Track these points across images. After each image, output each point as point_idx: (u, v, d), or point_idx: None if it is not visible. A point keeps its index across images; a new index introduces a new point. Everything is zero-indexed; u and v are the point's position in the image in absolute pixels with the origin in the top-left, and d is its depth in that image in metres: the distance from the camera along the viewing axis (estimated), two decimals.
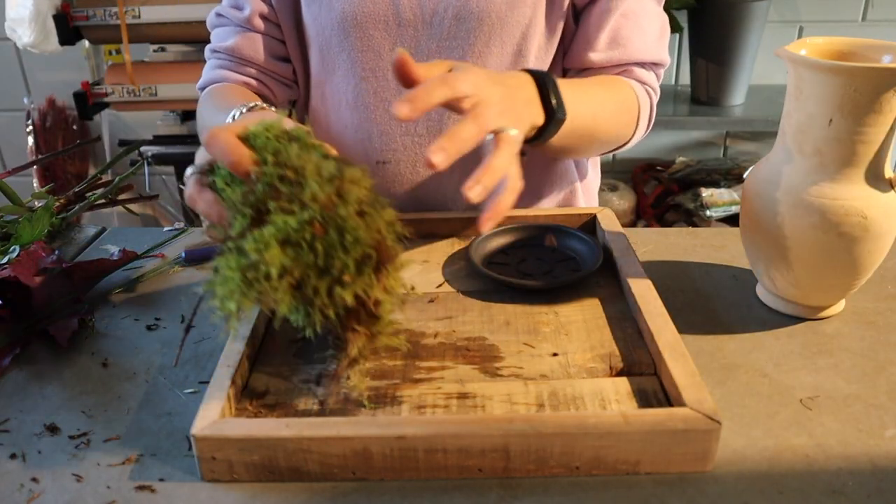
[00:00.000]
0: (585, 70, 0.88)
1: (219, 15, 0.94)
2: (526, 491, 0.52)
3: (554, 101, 0.70)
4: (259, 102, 0.76)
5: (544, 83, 0.70)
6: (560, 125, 0.71)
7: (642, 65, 0.88)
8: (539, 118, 0.69)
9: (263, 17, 0.90)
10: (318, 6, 0.86)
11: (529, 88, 0.69)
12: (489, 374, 0.61)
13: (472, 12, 0.82)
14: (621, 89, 0.85)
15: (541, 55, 0.87)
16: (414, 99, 0.57)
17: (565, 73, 0.91)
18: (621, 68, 0.87)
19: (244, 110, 0.74)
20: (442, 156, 0.55)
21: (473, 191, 0.56)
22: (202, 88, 0.96)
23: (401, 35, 0.85)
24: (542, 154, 0.89)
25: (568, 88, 0.72)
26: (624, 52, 0.85)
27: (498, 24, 0.83)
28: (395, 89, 0.87)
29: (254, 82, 0.93)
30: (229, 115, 0.74)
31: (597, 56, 0.86)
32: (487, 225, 0.59)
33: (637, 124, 0.88)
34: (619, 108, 0.84)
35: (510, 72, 0.71)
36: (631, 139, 0.89)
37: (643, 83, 0.88)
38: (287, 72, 0.95)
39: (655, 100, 0.90)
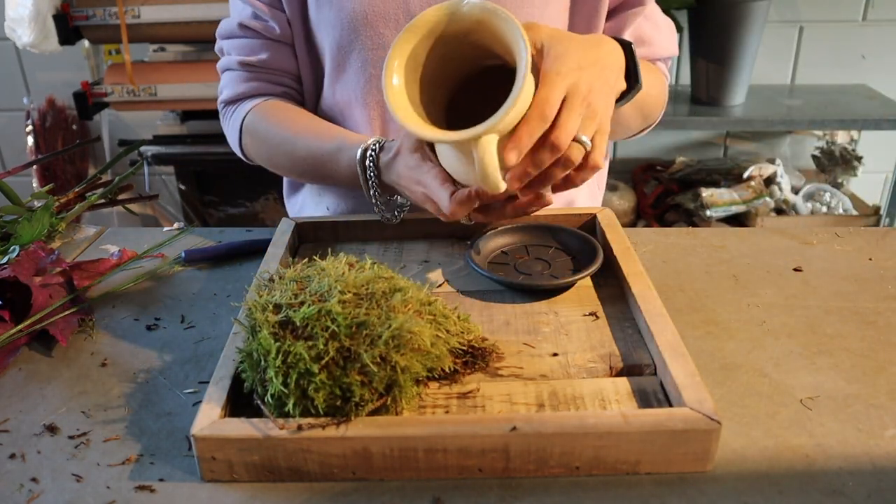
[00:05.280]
0: None
1: (243, 26, 0.92)
2: (526, 491, 0.52)
3: (636, 70, 0.72)
4: (379, 139, 0.80)
5: (629, 51, 0.72)
6: (636, 93, 0.73)
7: (662, 60, 0.95)
8: (621, 85, 0.71)
9: (288, 27, 0.91)
10: (328, 7, 0.86)
11: (619, 55, 0.70)
12: (489, 374, 0.61)
13: None
14: (655, 70, 0.92)
15: None
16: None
17: None
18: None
19: (378, 148, 0.78)
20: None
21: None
22: (232, 101, 0.95)
23: None
24: None
25: None
26: (650, 49, 0.92)
27: None
28: None
29: (292, 93, 0.95)
30: (357, 150, 0.79)
31: None
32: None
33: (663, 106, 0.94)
34: (659, 87, 0.90)
35: (596, 36, 0.70)
36: (656, 120, 0.95)
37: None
38: None
39: (667, 86, 0.97)
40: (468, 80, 0.71)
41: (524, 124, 0.61)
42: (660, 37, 0.92)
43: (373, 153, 0.78)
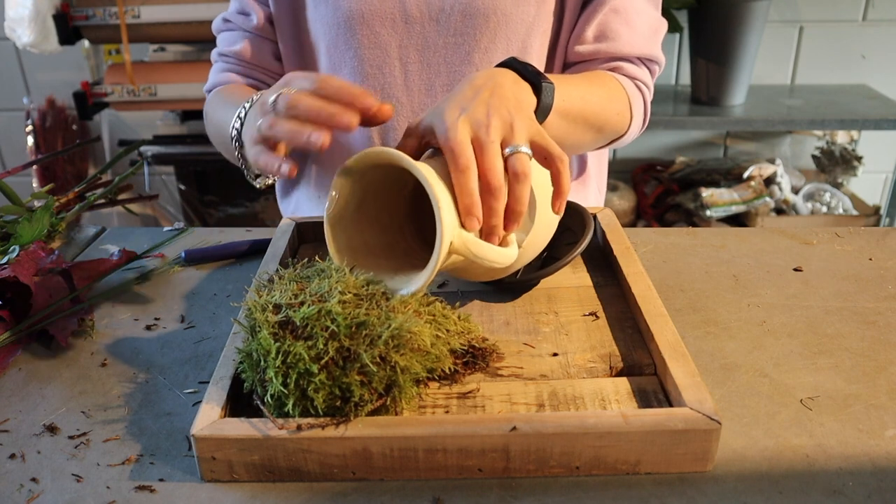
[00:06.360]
0: (574, 64, 0.89)
1: (226, 20, 0.96)
2: (526, 491, 0.52)
3: (534, 73, 0.68)
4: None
5: (513, 63, 0.69)
6: (552, 93, 0.69)
7: (631, 60, 0.88)
8: (525, 90, 0.68)
9: (270, 21, 0.92)
10: (325, 5, 0.86)
11: (498, 72, 0.67)
12: (489, 374, 0.61)
13: (479, 9, 0.83)
14: (606, 80, 0.84)
15: (544, 51, 0.88)
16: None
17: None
18: (611, 63, 0.87)
19: (255, 98, 0.75)
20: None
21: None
22: (209, 90, 0.98)
23: (408, 32, 0.85)
24: None
25: (551, 76, 0.72)
26: (612, 45, 0.85)
27: (503, 20, 0.84)
28: (402, 85, 0.88)
29: (261, 86, 0.96)
30: (238, 107, 0.75)
31: (584, 48, 0.86)
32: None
33: (631, 116, 0.87)
34: (607, 95, 0.83)
35: (466, 78, 0.68)
36: (626, 132, 0.88)
37: (634, 79, 0.88)
38: None
39: (649, 97, 0.90)
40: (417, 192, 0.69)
41: (456, 187, 0.59)
42: (629, 33, 0.85)
43: (249, 103, 0.74)
